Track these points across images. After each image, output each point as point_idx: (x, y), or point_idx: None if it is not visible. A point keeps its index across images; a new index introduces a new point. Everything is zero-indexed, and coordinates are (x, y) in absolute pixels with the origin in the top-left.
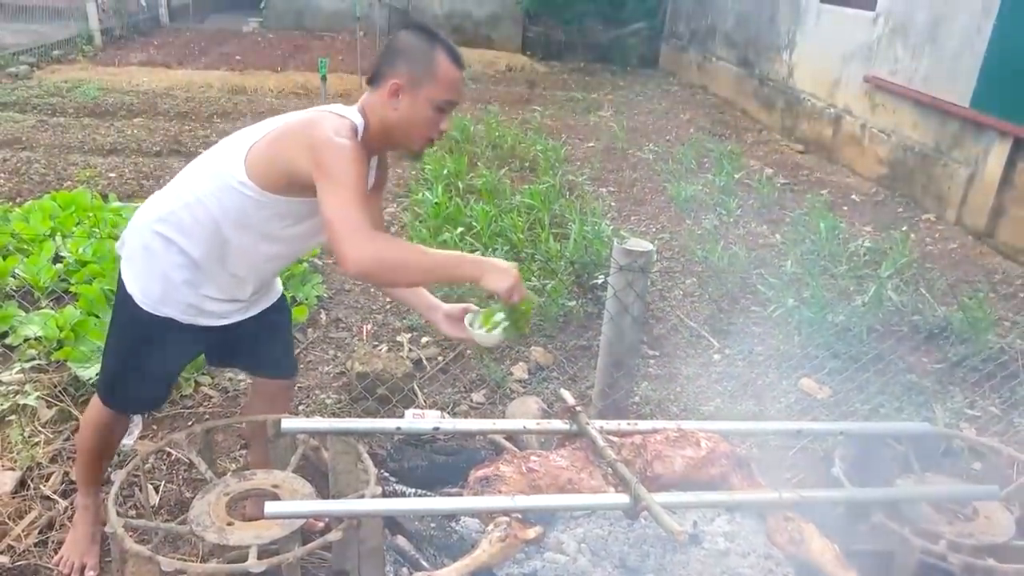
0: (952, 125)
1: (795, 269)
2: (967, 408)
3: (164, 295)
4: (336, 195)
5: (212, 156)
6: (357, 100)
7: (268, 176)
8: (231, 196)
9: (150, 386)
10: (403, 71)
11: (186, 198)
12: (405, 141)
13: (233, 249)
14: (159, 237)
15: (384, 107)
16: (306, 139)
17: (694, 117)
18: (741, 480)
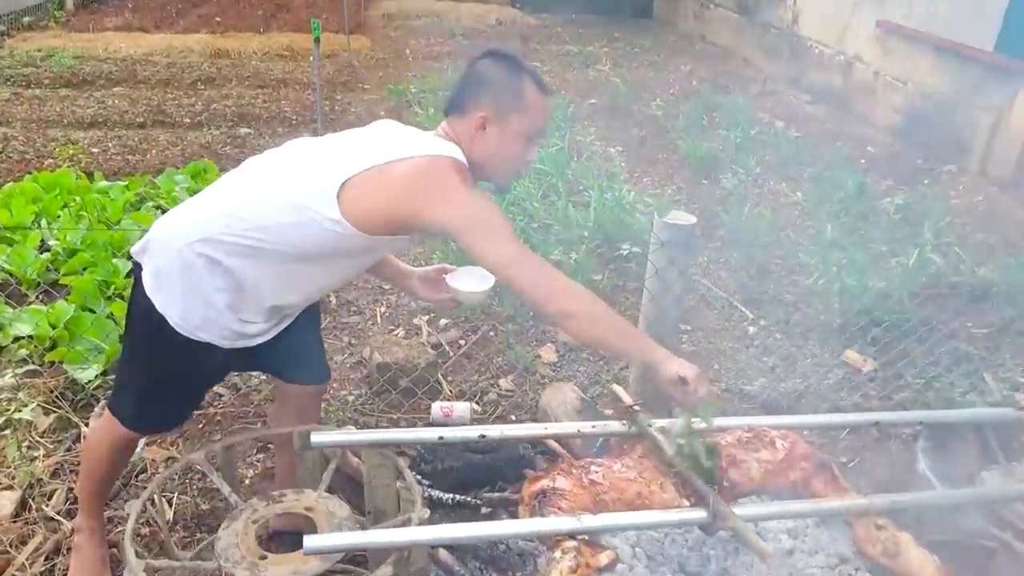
0: (974, 70)
1: (832, 233)
2: (1020, 377)
3: (205, 320)
4: (495, 242)
5: (275, 177)
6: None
7: (375, 221)
8: (314, 232)
9: (178, 408)
10: (489, 103)
11: (246, 223)
12: (495, 174)
13: (292, 277)
14: (203, 259)
15: (471, 140)
16: (433, 192)
17: (695, 69)
18: (824, 484)
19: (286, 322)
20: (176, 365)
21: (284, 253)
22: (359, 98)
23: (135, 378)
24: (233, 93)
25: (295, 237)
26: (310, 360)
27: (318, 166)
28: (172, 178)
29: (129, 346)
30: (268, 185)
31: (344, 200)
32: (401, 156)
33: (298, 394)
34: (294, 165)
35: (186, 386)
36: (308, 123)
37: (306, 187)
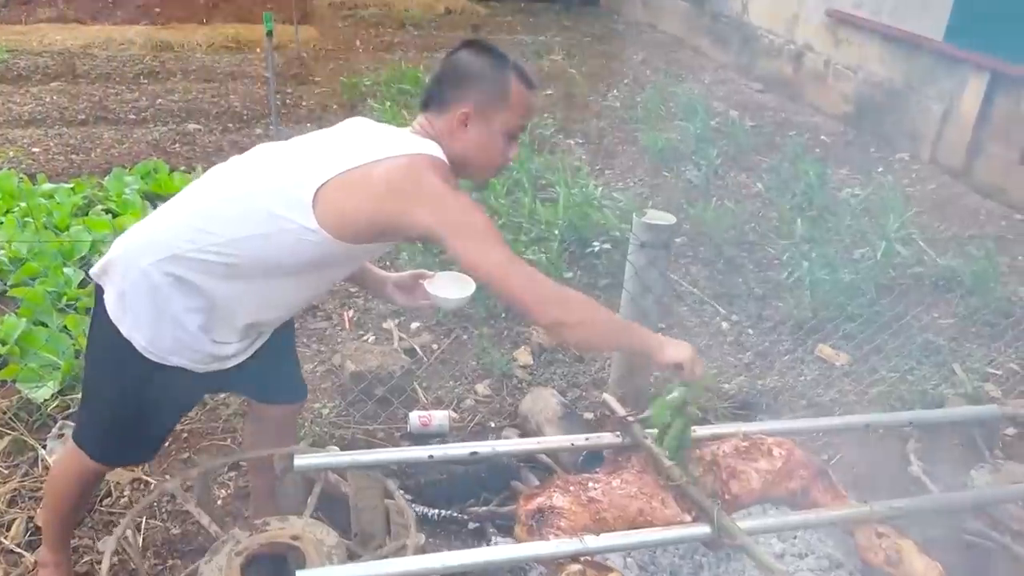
0: (924, 60)
1: (798, 226)
2: (987, 367)
3: (176, 344)
4: (483, 249)
5: (244, 186)
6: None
7: (354, 228)
8: (290, 243)
9: (149, 439)
10: (472, 98)
11: (215, 236)
12: (475, 172)
13: (268, 292)
14: (171, 278)
15: (452, 137)
16: (415, 194)
17: (648, 58)
18: (823, 492)
19: (262, 339)
20: (145, 393)
21: (258, 268)
22: (311, 91)
23: (101, 409)
24: (179, 87)
25: (269, 250)
26: (286, 378)
27: (289, 172)
28: (121, 179)
29: (93, 375)
30: (237, 195)
31: (320, 207)
32: (378, 157)
33: (274, 413)
34: (263, 172)
35: (157, 415)
36: (260, 118)
37: (278, 195)
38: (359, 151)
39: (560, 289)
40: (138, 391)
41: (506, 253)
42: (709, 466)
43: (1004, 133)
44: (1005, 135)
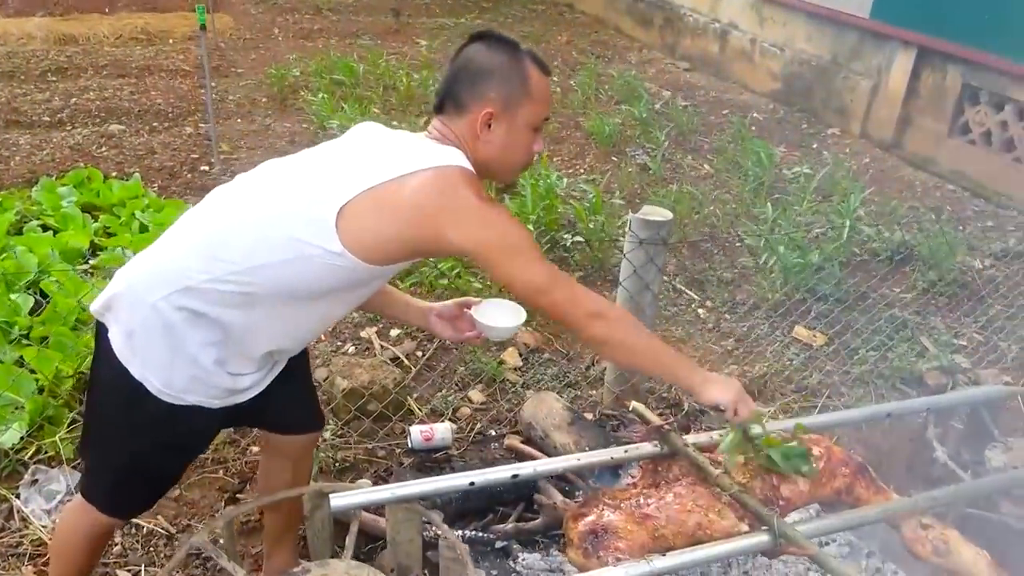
0: (850, 36)
1: (755, 207)
2: (954, 339)
3: (192, 382)
4: (529, 269)
5: (258, 208)
6: (212, 41)
7: (383, 250)
8: (312, 268)
9: (163, 485)
10: (493, 96)
11: (231, 265)
12: (503, 173)
13: (290, 322)
14: (186, 313)
15: (474, 141)
16: (450, 213)
17: (571, 39)
18: (866, 489)
19: (278, 368)
20: (159, 436)
21: (278, 296)
22: (235, 84)
23: (110, 457)
24: (93, 85)
25: (290, 277)
26: (303, 407)
27: (308, 191)
28: (53, 191)
29: (100, 420)
30: (251, 219)
31: (344, 229)
32: (403, 172)
33: (291, 445)
34: (278, 192)
35: (170, 459)
36: (187, 116)
37: (297, 217)
38: (382, 164)
39: (606, 305)
40: (149, 434)
41: (547, 267)
42: (756, 471)
43: (932, 106)
44: (933, 108)
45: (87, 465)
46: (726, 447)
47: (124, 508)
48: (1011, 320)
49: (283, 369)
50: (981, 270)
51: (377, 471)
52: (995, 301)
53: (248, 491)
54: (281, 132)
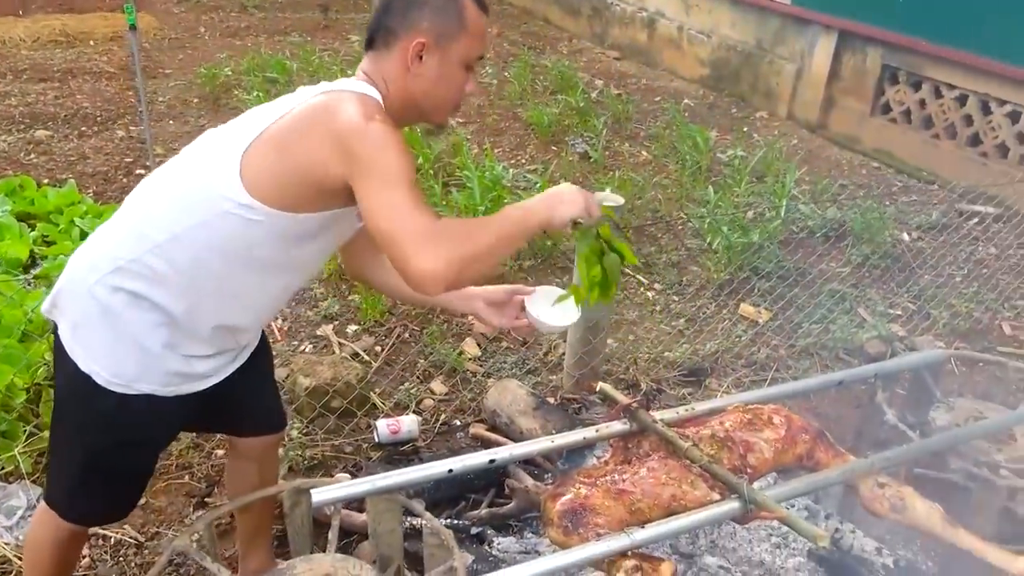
0: (774, 22)
1: (695, 190)
2: (888, 309)
3: (140, 368)
4: (386, 195)
5: (179, 175)
6: (127, 40)
7: (283, 190)
8: (227, 224)
9: (126, 487)
10: (426, 26)
11: (155, 237)
12: (432, 112)
13: (228, 292)
14: (122, 294)
15: (404, 74)
16: (331, 131)
17: (502, 31)
18: (826, 452)
19: (239, 360)
20: (112, 431)
21: (205, 261)
22: (164, 85)
23: (68, 459)
24: (14, 90)
25: (213, 239)
26: (266, 409)
27: (217, 149)
28: None
29: (58, 421)
30: (168, 188)
31: (247, 177)
32: (296, 105)
33: (255, 447)
34: (193, 156)
35: (128, 456)
36: (117, 119)
37: (207, 175)
38: (281, 106)
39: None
40: (106, 429)
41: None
42: (722, 443)
43: (854, 87)
44: (855, 89)
45: (49, 469)
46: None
47: (85, 513)
48: (940, 289)
49: (245, 370)
50: (910, 243)
51: (345, 467)
52: (924, 271)
53: (216, 495)
54: None
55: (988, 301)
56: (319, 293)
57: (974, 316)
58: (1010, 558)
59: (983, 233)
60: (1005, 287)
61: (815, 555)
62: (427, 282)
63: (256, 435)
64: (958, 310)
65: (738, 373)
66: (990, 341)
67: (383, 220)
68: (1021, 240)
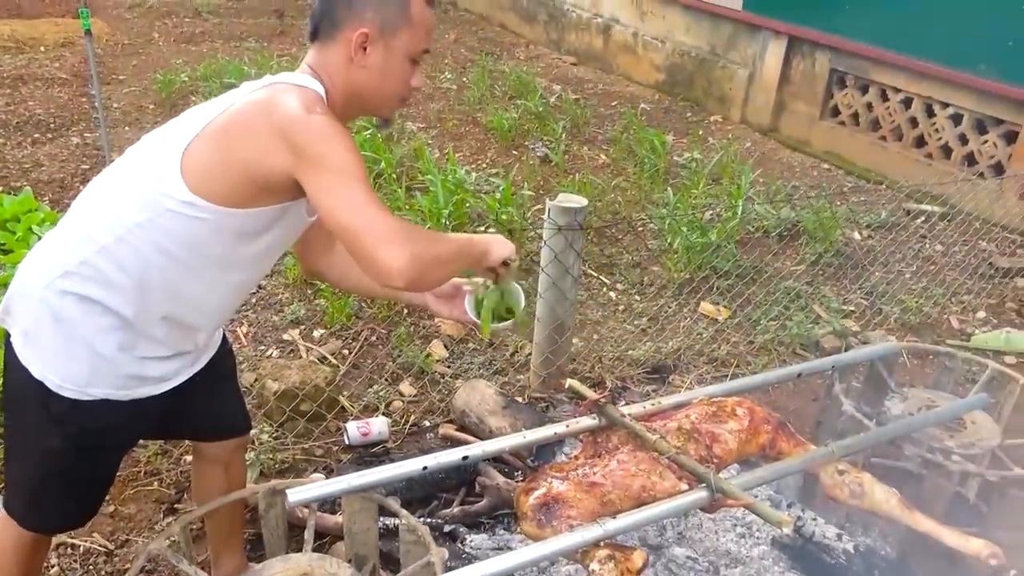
0: (726, 28)
1: (654, 192)
2: (842, 305)
3: (93, 372)
4: (342, 190)
5: (123, 176)
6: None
7: (223, 185)
8: (170, 223)
9: (85, 494)
10: (370, 17)
11: (101, 239)
12: (377, 106)
13: (179, 292)
14: (71, 298)
15: (347, 66)
16: (272, 124)
17: (459, 37)
18: (787, 442)
19: (200, 362)
20: (67, 437)
21: (152, 262)
22: (119, 91)
23: (24, 467)
24: None
25: (158, 239)
26: (229, 412)
27: (159, 146)
28: None
29: (12, 429)
30: (114, 187)
31: (188, 173)
32: (237, 99)
33: (220, 451)
34: (136, 157)
35: (86, 462)
36: (71, 125)
37: (149, 172)
38: (224, 101)
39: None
40: (61, 435)
41: (362, 192)
42: (688, 435)
43: (804, 91)
44: (805, 93)
45: (6, 476)
46: (489, 306)
47: (44, 520)
48: (891, 285)
49: (206, 373)
50: (861, 241)
51: (317, 469)
52: (875, 269)
53: (186, 500)
54: None
55: (936, 296)
56: (284, 298)
57: (923, 311)
58: (964, 539)
59: (929, 231)
60: (952, 283)
61: (779, 543)
62: (393, 275)
63: (220, 439)
64: (908, 305)
65: (700, 370)
66: (939, 334)
67: (345, 215)
68: (965, 237)
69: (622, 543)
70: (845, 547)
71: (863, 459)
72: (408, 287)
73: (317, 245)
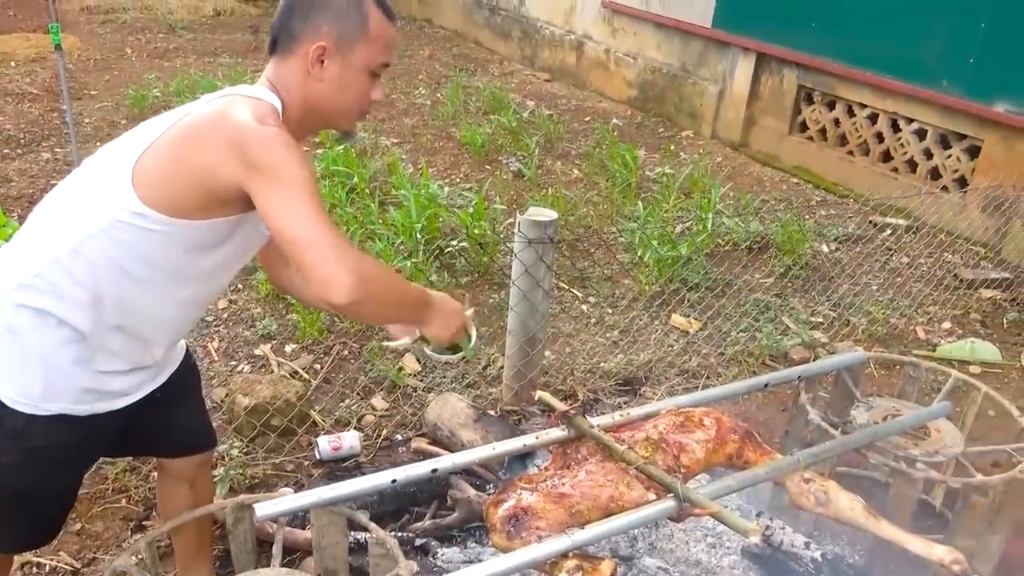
0: (696, 45)
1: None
2: (810, 317)
3: (48, 387)
4: (291, 202)
5: (76, 188)
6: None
7: (174, 196)
8: (122, 235)
9: (43, 514)
10: (327, 30)
11: (54, 251)
12: (336, 119)
13: (133, 305)
14: (25, 311)
15: (305, 79)
16: (223, 135)
17: (434, 53)
18: (754, 451)
19: (161, 377)
20: (22, 453)
21: (104, 274)
22: (90, 107)
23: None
24: None
25: (111, 250)
26: (196, 425)
27: (110, 155)
28: None
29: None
30: (68, 199)
31: (140, 183)
32: (192, 110)
33: (185, 467)
34: (89, 169)
35: (44, 481)
36: (41, 140)
37: (101, 184)
38: (179, 112)
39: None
40: (16, 451)
41: (310, 205)
42: (656, 444)
43: (772, 107)
44: (773, 109)
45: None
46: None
47: (3, 542)
48: (858, 297)
49: (168, 388)
50: (828, 254)
51: (287, 485)
52: (843, 281)
53: (154, 517)
54: None
55: (903, 308)
56: (256, 312)
57: (890, 322)
58: (928, 546)
59: (896, 243)
60: (918, 294)
61: (748, 552)
62: (333, 291)
63: (184, 455)
64: (875, 316)
65: (671, 381)
66: (906, 345)
67: (292, 227)
68: (931, 249)
69: (593, 553)
70: (813, 555)
71: (830, 468)
72: (350, 305)
73: (278, 259)
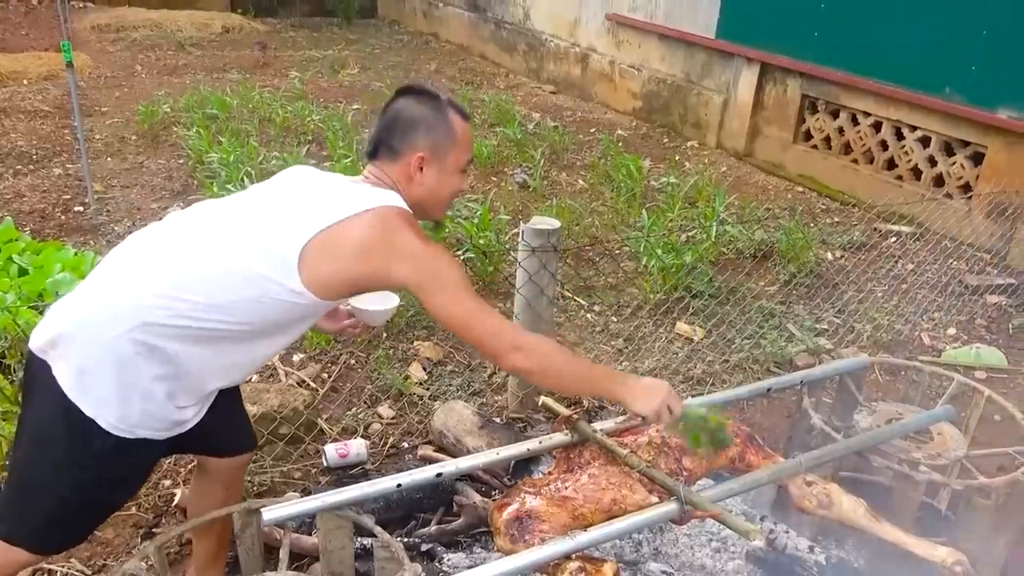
0: (700, 56)
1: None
2: (815, 324)
3: (144, 416)
4: (456, 304)
5: (224, 251)
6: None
7: (334, 287)
8: (274, 305)
9: (95, 521)
10: (423, 143)
11: (192, 304)
12: (434, 211)
13: (245, 355)
14: (143, 347)
15: (408, 183)
16: (392, 251)
17: (440, 67)
18: (756, 454)
19: (212, 397)
20: (106, 471)
21: (239, 331)
22: (101, 123)
23: (43, 496)
24: None
25: (253, 313)
26: (237, 428)
27: (268, 231)
28: None
29: (33, 459)
30: (212, 257)
31: (304, 268)
32: (350, 213)
33: (224, 467)
34: (236, 232)
35: (113, 492)
36: (53, 156)
37: (261, 257)
38: (331, 207)
39: (527, 337)
40: (100, 469)
41: (477, 302)
42: (659, 448)
43: (777, 116)
44: (778, 118)
45: (8, 505)
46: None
47: (54, 543)
48: (863, 304)
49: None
50: (833, 261)
51: (295, 491)
52: (848, 288)
53: (163, 525)
54: (156, 169)
55: (908, 314)
56: None
57: (895, 328)
58: (930, 548)
59: (901, 250)
60: (923, 300)
61: (753, 557)
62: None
63: (227, 455)
64: (880, 323)
65: (676, 388)
66: (911, 351)
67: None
68: (935, 256)
69: (597, 556)
70: (817, 559)
71: (833, 472)
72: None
73: None
